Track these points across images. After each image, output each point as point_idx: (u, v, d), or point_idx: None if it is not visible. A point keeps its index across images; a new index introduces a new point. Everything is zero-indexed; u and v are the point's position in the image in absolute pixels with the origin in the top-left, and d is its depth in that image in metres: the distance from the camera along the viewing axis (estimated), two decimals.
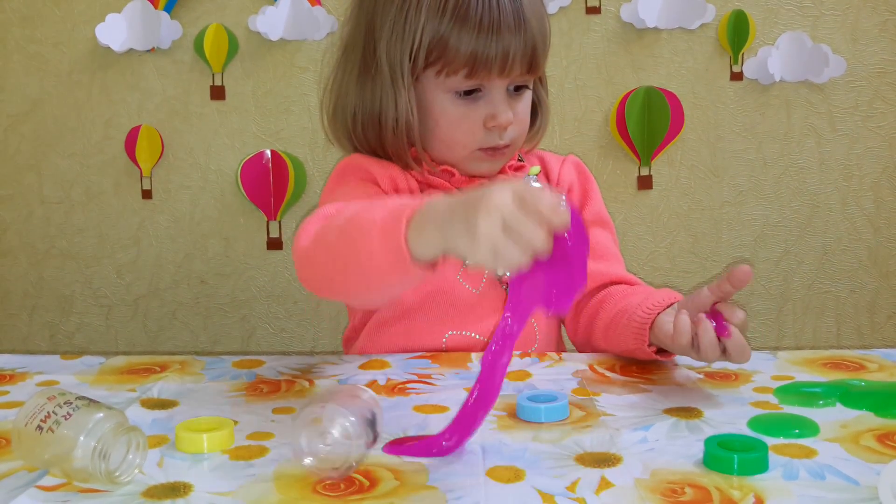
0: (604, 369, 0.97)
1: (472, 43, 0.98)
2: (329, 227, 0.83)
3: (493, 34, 0.98)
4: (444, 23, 0.99)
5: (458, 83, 1.01)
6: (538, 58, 1.02)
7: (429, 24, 0.99)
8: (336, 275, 0.81)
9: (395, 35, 1.02)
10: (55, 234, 1.69)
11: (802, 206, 1.68)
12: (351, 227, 0.78)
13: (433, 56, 1.00)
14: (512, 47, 0.99)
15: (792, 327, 1.71)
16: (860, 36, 1.64)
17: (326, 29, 1.63)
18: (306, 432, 0.68)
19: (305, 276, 0.89)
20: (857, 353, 1.02)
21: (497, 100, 1.02)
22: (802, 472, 0.68)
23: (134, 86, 1.65)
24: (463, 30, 0.98)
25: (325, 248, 0.82)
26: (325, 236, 0.83)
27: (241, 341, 1.71)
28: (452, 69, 1.00)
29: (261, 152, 1.65)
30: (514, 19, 0.99)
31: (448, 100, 1.03)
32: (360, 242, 0.75)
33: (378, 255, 0.72)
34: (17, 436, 0.69)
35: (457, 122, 1.03)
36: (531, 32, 1.00)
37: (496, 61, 0.99)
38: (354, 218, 0.78)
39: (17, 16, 1.64)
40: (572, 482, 0.67)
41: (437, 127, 1.04)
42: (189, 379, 0.95)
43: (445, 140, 1.05)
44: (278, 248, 1.68)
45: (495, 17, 0.98)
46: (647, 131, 1.63)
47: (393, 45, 1.02)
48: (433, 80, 1.02)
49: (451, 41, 0.99)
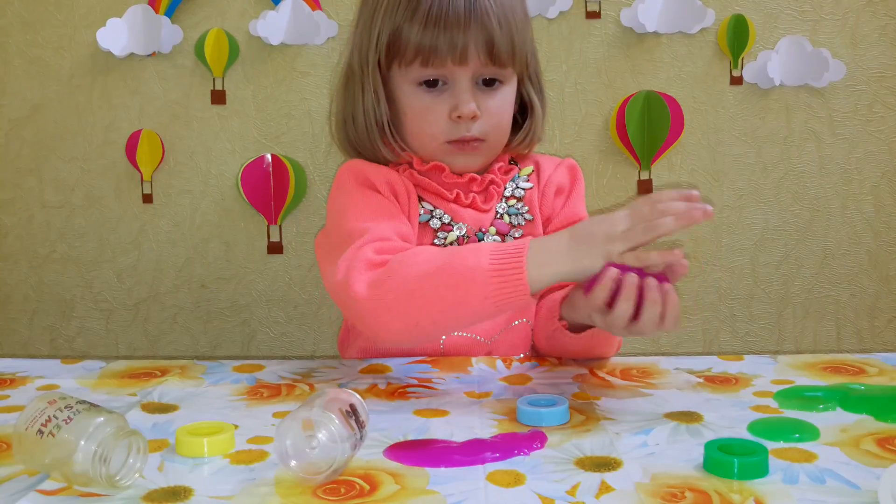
0: (604, 373, 0.98)
1: (419, 34, 1.02)
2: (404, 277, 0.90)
3: (440, 26, 1.02)
4: (397, 17, 1.03)
5: (417, 73, 1.05)
6: (499, 50, 1.03)
7: (387, 21, 1.04)
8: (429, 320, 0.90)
9: (363, 34, 1.07)
10: (56, 238, 1.69)
11: (802, 210, 1.68)
12: (448, 276, 0.88)
13: (392, 50, 1.05)
14: (461, 39, 1.02)
15: (792, 331, 1.71)
16: (860, 40, 1.64)
17: (327, 33, 1.63)
18: (291, 436, 0.68)
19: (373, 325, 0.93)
20: (858, 358, 1.02)
21: (460, 91, 1.05)
22: (802, 476, 0.68)
23: (135, 90, 1.65)
24: (413, 22, 1.03)
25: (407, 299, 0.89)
26: (404, 286, 0.90)
27: (242, 345, 1.71)
28: (406, 60, 1.04)
29: (261, 156, 1.65)
30: (464, 10, 1.02)
31: (413, 92, 1.06)
32: (467, 288, 0.87)
33: (493, 297, 0.86)
34: (18, 440, 0.69)
35: (422, 113, 1.06)
36: (488, 24, 1.02)
37: (448, 52, 1.02)
38: (446, 267, 0.89)
39: (19, 20, 1.64)
40: (573, 486, 0.67)
41: (406, 119, 1.08)
42: (190, 383, 0.95)
43: (415, 132, 1.08)
44: (279, 252, 1.68)
45: (444, 10, 1.02)
46: (647, 135, 1.63)
47: (362, 44, 1.07)
48: (397, 74, 1.06)
49: (404, 33, 1.03)
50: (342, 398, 0.72)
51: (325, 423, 0.68)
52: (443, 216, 1.08)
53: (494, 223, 1.10)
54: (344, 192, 1.07)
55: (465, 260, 0.88)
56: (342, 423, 0.68)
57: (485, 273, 0.86)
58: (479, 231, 1.09)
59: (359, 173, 1.08)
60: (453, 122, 1.05)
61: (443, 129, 1.06)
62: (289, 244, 1.68)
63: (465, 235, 1.08)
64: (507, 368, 1.00)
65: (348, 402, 0.72)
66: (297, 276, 1.68)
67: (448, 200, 1.08)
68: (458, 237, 1.07)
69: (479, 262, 0.87)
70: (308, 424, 0.68)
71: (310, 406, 0.69)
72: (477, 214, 1.09)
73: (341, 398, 0.72)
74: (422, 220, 1.07)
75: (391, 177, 1.07)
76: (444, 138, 1.06)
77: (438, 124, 1.06)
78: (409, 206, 1.07)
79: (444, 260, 0.90)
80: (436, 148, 1.07)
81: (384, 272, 0.92)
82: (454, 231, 1.07)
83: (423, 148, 1.08)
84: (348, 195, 1.06)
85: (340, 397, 0.72)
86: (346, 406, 0.71)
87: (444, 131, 1.06)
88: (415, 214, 1.07)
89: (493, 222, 1.10)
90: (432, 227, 1.08)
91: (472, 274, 0.87)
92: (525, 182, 1.13)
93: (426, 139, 1.07)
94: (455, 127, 1.05)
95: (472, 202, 1.09)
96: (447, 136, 1.06)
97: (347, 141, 1.12)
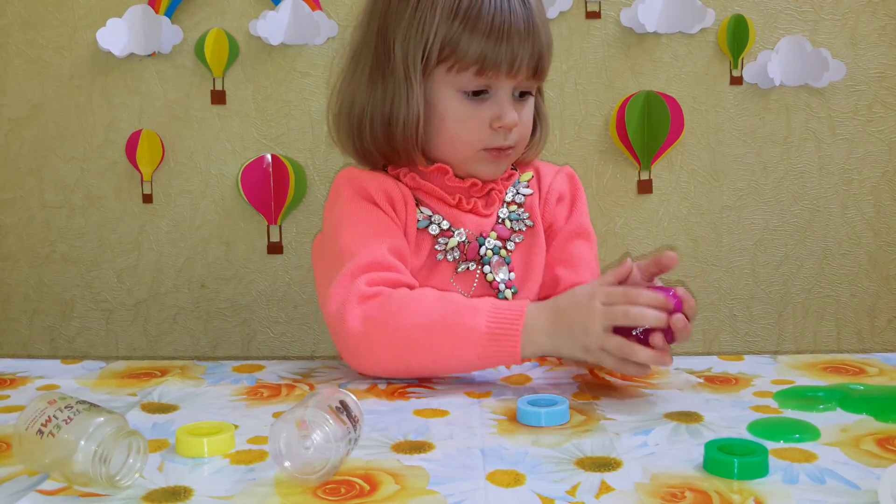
0: (604, 373, 0.98)
1: (481, 45, 1.02)
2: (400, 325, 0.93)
3: (502, 38, 1.02)
4: (455, 25, 1.03)
5: (468, 82, 1.05)
6: (544, 64, 1.07)
7: (442, 26, 1.03)
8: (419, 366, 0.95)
9: (409, 35, 1.05)
10: (56, 238, 1.69)
11: (802, 210, 1.68)
12: (444, 332, 0.92)
13: (444, 54, 1.04)
14: (520, 51, 1.03)
15: (792, 331, 1.71)
16: (860, 40, 1.64)
17: (327, 34, 1.63)
18: (285, 437, 0.68)
19: (364, 362, 0.97)
20: (857, 358, 1.02)
21: (503, 101, 1.06)
22: (802, 476, 0.68)
23: (135, 90, 1.65)
24: (474, 32, 1.02)
25: (402, 344, 0.94)
26: (399, 332, 0.93)
27: (242, 345, 1.71)
28: (462, 66, 1.03)
29: (261, 157, 1.65)
30: (524, 25, 1.03)
31: (456, 98, 1.06)
32: (462, 346, 0.92)
33: (485, 357, 0.92)
34: (18, 440, 0.69)
35: (463, 120, 1.06)
36: (539, 39, 1.05)
37: (504, 64, 1.03)
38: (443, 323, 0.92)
39: (19, 20, 1.64)
40: (573, 486, 0.67)
41: (444, 125, 1.07)
42: (190, 383, 0.95)
43: (451, 138, 1.07)
44: (279, 252, 1.68)
45: (506, 22, 1.02)
46: (647, 136, 1.63)
47: (406, 45, 1.05)
48: (443, 78, 1.05)
49: (462, 43, 1.03)
50: (333, 396, 0.72)
51: (319, 422, 0.68)
52: (441, 222, 1.08)
53: (495, 228, 1.10)
54: (340, 203, 1.07)
55: (463, 319, 0.92)
56: (336, 422, 0.68)
57: (481, 335, 0.91)
58: (479, 236, 1.09)
59: (356, 183, 1.08)
60: (492, 131, 1.06)
61: (482, 137, 1.06)
62: (289, 244, 1.68)
63: (466, 241, 1.08)
64: (507, 368, 1.00)
65: (339, 398, 0.72)
66: (297, 276, 1.68)
67: (449, 205, 1.09)
68: (458, 243, 1.08)
69: (476, 323, 0.91)
70: (302, 425, 0.68)
71: (303, 406, 0.69)
72: (478, 219, 1.10)
73: (333, 396, 0.72)
74: (420, 225, 1.07)
75: (387, 185, 1.08)
76: (482, 146, 1.07)
77: (479, 132, 1.06)
78: (407, 213, 1.07)
79: (442, 315, 0.93)
80: (470, 155, 1.08)
81: (380, 310, 0.94)
82: (455, 237, 1.07)
83: (455, 153, 1.08)
84: (344, 208, 1.07)
85: (332, 395, 0.72)
86: (337, 402, 0.71)
87: (483, 139, 1.06)
88: (412, 221, 1.07)
89: (494, 227, 1.10)
90: (431, 234, 1.08)
91: (469, 334, 0.91)
92: (525, 188, 1.14)
93: (462, 146, 1.07)
94: (493, 136, 1.06)
95: (473, 207, 1.09)
96: (485, 144, 1.07)
97: (356, 136, 1.10)
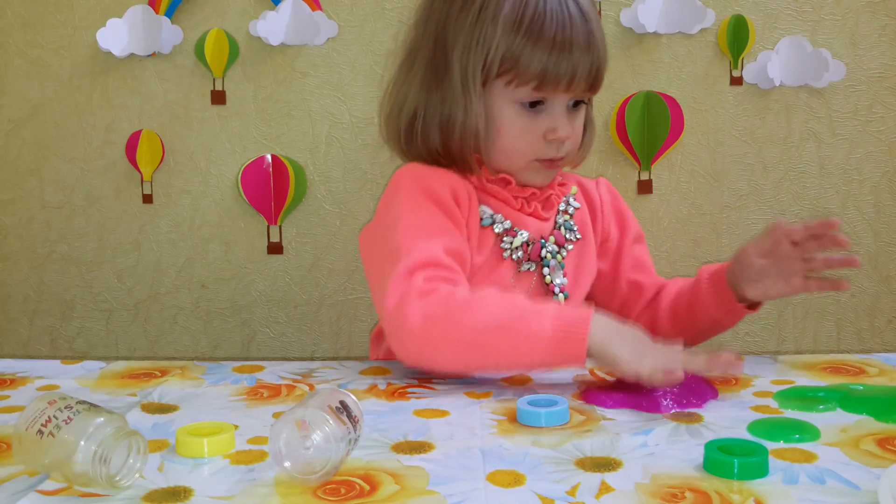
0: (604, 373, 0.98)
1: (543, 59, 1.02)
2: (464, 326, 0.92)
3: (564, 52, 1.02)
4: (518, 38, 1.02)
5: (526, 95, 1.05)
6: (601, 77, 1.07)
7: (503, 39, 1.02)
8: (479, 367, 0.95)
9: (469, 45, 1.04)
10: (56, 238, 1.69)
11: (802, 210, 1.68)
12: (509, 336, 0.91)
13: (504, 67, 1.03)
14: (581, 66, 1.03)
15: (792, 331, 1.71)
16: (860, 40, 1.64)
17: (327, 34, 1.63)
18: (285, 437, 0.68)
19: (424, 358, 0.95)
20: (858, 358, 1.02)
21: (558, 114, 1.06)
22: (803, 476, 0.68)
23: (135, 90, 1.65)
24: (536, 47, 1.02)
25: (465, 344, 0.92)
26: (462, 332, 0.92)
27: (242, 346, 1.71)
28: (522, 81, 1.03)
29: (261, 157, 1.65)
30: (584, 39, 1.03)
31: (513, 110, 1.06)
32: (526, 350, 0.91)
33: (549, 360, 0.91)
34: (18, 440, 0.69)
35: (519, 132, 1.06)
36: (598, 52, 1.04)
37: (564, 78, 1.03)
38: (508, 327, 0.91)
39: (19, 20, 1.64)
40: (573, 486, 0.67)
41: (500, 136, 1.07)
42: (190, 383, 0.95)
43: (506, 149, 1.08)
44: (279, 252, 1.68)
45: (568, 36, 1.02)
46: (647, 136, 1.63)
47: (466, 55, 1.05)
48: (501, 90, 1.05)
49: (524, 57, 1.02)
50: (333, 396, 0.72)
51: (319, 422, 0.67)
52: (504, 221, 1.08)
53: (553, 233, 1.12)
54: (400, 197, 1.05)
55: (529, 324, 0.90)
56: (336, 422, 0.68)
57: (546, 340, 0.90)
58: (540, 238, 1.10)
59: (421, 180, 1.06)
60: (546, 143, 1.06)
61: (536, 149, 1.07)
62: (289, 244, 1.68)
63: (529, 242, 1.09)
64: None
65: (339, 399, 0.72)
66: (297, 277, 1.68)
67: (512, 208, 1.09)
68: (522, 242, 1.08)
69: (542, 328, 0.90)
70: (302, 425, 0.68)
71: (303, 406, 0.69)
72: (538, 223, 1.11)
73: (333, 396, 0.72)
74: (484, 223, 1.08)
75: (453, 179, 1.07)
76: (535, 156, 1.07)
77: (533, 144, 1.06)
78: (470, 210, 1.07)
79: (507, 319, 0.91)
80: (524, 165, 1.08)
81: (441, 307, 0.93)
82: (518, 237, 1.08)
83: (509, 163, 1.08)
84: (403, 203, 1.04)
85: (332, 395, 0.72)
86: (337, 402, 0.71)
87: (537, 150, 1.07)
88: (475, 218, 1.07)
89: (553, 232, 1.12)
90: (495, 231, 1.08)
91: (534, 339, 0.90)
92: (574, 201, 1.16)
93: (517, 156, 1.08)
94: (548, 147, 1.07)
95: (533, 211, 1.10)
96: (538, 155, 1.07)
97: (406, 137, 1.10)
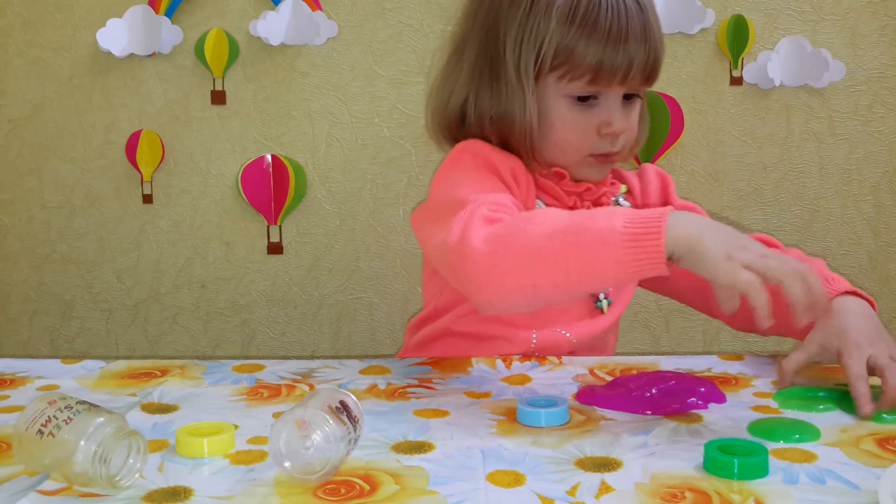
0: (604, 374, 0.98)
1: (598, 52, 0.99)
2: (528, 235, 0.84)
3: (620, 44, 0.99)
4: (572, 30, 1.00)
5: (579, 89, 1.02)
6: (657, 69, 1.04)
7: (557, 31, 1.00)
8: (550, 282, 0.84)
9: (521, 39, 1.02)
10: (56, 238, 1.69)
11: (802, 210, 1.68)
12: (577, 236, 0.82)
13: (557, 61, 1.01)
14: (637, 57, 1.00)
15: None
16: (859, 40, 1.64)
17: (327, 34, 1.63)
18: (285, 437, 0.68)
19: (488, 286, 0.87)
20: None
21: (613, 107, 1.03)
22: (803, 476, 0.68)
23: (135, 90, 1.65)
24: (591, 39, 0.99)
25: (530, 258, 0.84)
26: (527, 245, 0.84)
27: (242, 345, 1.71)
28: (576, 75, 1.01)
29: (261, 157, 1.65)
30: (640, 29, 1.00)
31: (565, 104, 1.03)
32: (597, 250, 0.80)
33: (624, 261, 0.79)
34: (18, 440, 0.69)
35: (572, 126, 1.04)
36: (654, 43, 1.02)
37: (620, 71, 1.00)
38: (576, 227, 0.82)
39: (19, 20, 1.64)
40: (573, 486, 0.67)
41: (553, 130, 1.05)
42: (190, 383, 0.95)
43: (559, 143, 1.05)
44: (278, 252, 1.68)
45: (623, 27, 0.99)
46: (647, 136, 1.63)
47: (519, 49, 1.02)
48: (553, 85, 1.03)
49: (579, 49, 1.00)
50: (333, 396, 0.72)
51: (319, 422, 0.67)
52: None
53: None
54: (459, 167, 1.03)
55: (597, 221, 0.82)
56: (336, 422, 0.68)
57: (618, 235, 0.80)
58: None
59: (481, 154, 1.04)
60: (600, 137, 1.04)
61: (590, 143, 1.04)
62: (289, 244, 1.68)
63: None
64: (507, 368, 1.00)
65: (339, 399, 0.72)
66: (297, 276, 1.68)
67: (565, 206, 1.07)
68: None
69: (612, 224, 0.80)
70: (302, 425, 0.68)
71: (303, 406, 0.69)
72: None
73: (333, 396, 0.72)
74: None
75: (514, 163, 1.05)
76: (589, 151, 1.05)
77: (587, 138, 1.04)
78: (528, 196, 1.05)
79: (574, 220, 0.84)
80: (577, 160, 1.06)
81: (504, 227, 0.87)
82: None
83: (562, 157, 1.06)
84: (464, 170, 1.02)
85: (332, 395, 0.72)
86: (337, 402, 0.71)
87: (591, 145, 1.04)
88: (532, 205, 1.05)
89: None
90: None
91: (604, 235, 0.80)
92: (623, 200, 1.14)
93: (571, 151, 1.05)
94: (602, 141, 1.04)
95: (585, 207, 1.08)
96: (593, 150, 1.05)
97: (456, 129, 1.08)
